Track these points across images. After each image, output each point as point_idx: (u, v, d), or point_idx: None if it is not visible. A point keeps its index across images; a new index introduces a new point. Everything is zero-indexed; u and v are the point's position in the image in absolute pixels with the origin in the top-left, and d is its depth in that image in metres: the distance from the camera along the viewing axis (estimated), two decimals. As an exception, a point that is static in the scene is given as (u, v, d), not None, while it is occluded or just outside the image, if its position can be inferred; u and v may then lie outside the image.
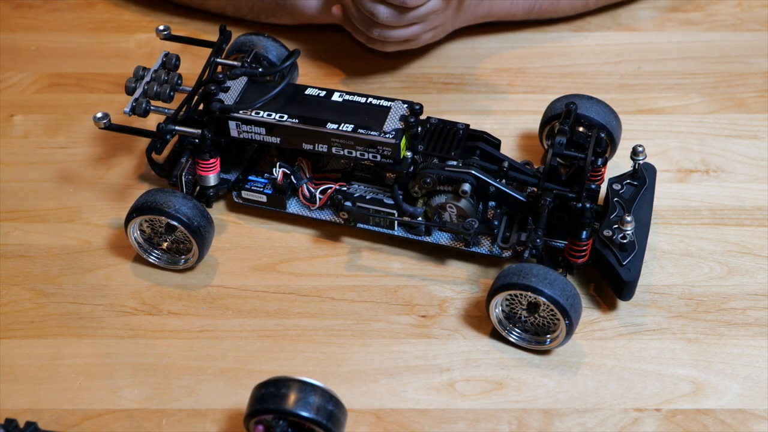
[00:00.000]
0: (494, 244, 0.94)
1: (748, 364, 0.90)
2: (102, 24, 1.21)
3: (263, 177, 0.99)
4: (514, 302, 0.89)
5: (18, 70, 1.15)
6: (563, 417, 0.87)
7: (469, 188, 0.91)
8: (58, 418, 0.87)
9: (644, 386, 0.88)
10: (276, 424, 0.78)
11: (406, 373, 0.90)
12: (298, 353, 0.91)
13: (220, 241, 0.99)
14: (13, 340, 0.92)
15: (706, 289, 0.95)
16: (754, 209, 1.01)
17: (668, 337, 0.91)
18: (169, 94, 0.97)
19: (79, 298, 0.95)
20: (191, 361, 0.90)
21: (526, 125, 1.08)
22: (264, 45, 1.04)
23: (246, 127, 0.95)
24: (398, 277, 0.96)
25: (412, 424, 0.87)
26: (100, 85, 1.14)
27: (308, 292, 0.95)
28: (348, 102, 0.96)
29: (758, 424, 0.86)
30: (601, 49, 1.17)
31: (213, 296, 0.95)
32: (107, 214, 1.01)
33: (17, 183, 1.04)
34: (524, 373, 0.89)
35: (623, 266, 0.89)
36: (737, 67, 1.14)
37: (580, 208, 0.89)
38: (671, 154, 1.06)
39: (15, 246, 0.99)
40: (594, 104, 0.99)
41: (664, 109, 1.10)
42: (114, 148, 1.07)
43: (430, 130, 0.96)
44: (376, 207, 0.95)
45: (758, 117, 1.09)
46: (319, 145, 0.94)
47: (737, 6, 1.21)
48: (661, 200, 1.01)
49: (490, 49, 1.17)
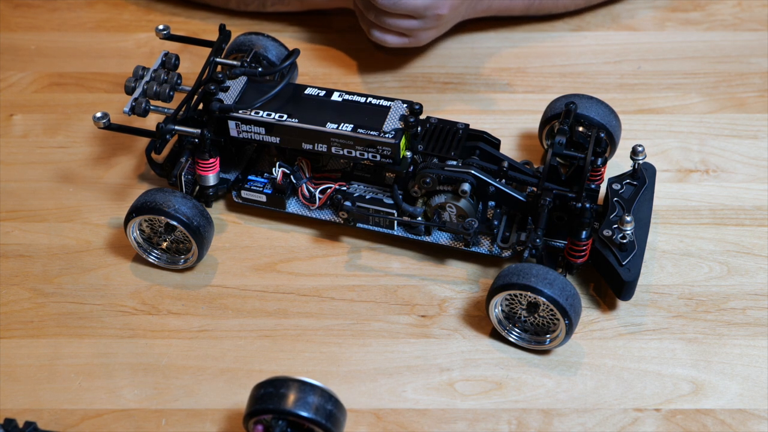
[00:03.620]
0: (494, 244, 0.94)
1: (748, 364, 0.90)
2: (102, 23, 1.21)
3: (263, 177, 0.99)
4: (514, 302, 0.89)
5: (18, 70, 1.15)
6: (563, 417, 0.87)
7: (468, 188, 0.91)
8: (58, 418, 0.87)
9: (644, 386, 0.88)
10: (275, 424, 0.78)
11: (405, 373, 0.90)
12: (297, 353, 0.91)
13: (220, 241, 0.99)
14: (12, 339, 0.92)
15: (705, 289, 0.95)
16: (754, 209, 1.01)
17: (668, 337, 0.91)
18: (168, 93, 0.97)
19: (79, 297, 0.95)
20: (191, 360, 0.90)
21: (526, 125, 1.08)
22: (263, 44, 1.04)
23: (245, 126, 0.95)
24: (398, 277, 0.96)
25: (412, 424, 0.87)
26: (99, 85, 1.14)
27: (308, 291, 0.95)
28: (348, 102, 0.96)
29: (758, 424, 0.86)
30: (601, 48, 1.17)
31: (212, 296, 0.95)
32: (107, 213, 1.01)
33: (17, 183, 1.04)
34: (524, 373, 0.89)
35: (623, 266, 0.89)
36: (737, 67, 1.14)
37: (579, 208, 0.89)
38: (671, 153, 1.06)
39: (15, 246, 0.99)
40: (594, 104, 0.99)
41: (663, 108, 1.10)
42: (113, 148, 1.07)
43: (430, 129, 0.96)
44: (375, 207, 0.95)
45: (758, 117, 1.09)
46: (319, 144, 0.94)
47: (737, 6, 1.21)
48: (661, 200, 1.01)
49: (489, 48, 1.17)
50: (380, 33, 1.07)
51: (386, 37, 1.08)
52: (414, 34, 1.07)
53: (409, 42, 1.08)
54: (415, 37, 1.08)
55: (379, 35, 1.08)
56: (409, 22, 1.05)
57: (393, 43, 1.08)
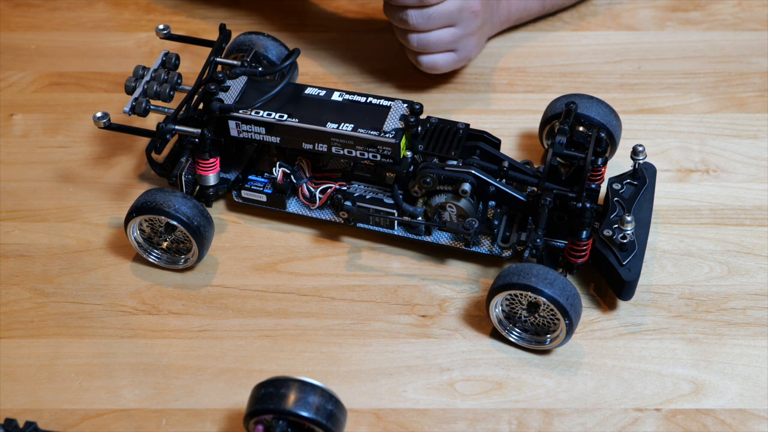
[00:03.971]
0: (494, 244, 0.94)
1: (748, 364, 0.90)
2: (102, 23, 1.21)
3: (263, 176, 0.99)
4: (514, 302, 0.89)
5: (18, 69, 1.15)
6: (563, 417, 0.87)
7: (469, 188, 0.91)
8: (58, 418, 0.87)
9: (644, 386, 0.88)
10: (276, 424, 0.78)
11: (406, 372, 0.90)
12: (297, 353, 0.91)
13: (220, 241, 0.99)
14: (12, 339, 0.92)
15: (706, 289, 0.95)
16: (754, 209, 1.01)
17: (668, 337, 0.91)
18: (168, 93, 0.97)
19: (79, 297, 0.95)
20: (191, 360, 0.90)
21: (526, 125, 1.08)
22: (264, 44, 1.04)
23: (246, 126, 0.95)
24: (398, 277, 0.96)
25: (412, 424, 0.87)
26: (99, 85, 1.14)
27: (308, 291, 0.95)
28: (348, 101, 0.96)
29: (758, 424, 0.86)
30: (601, 48, 1.17)
31: (213, 296, 0.95)
32: (107, 213, 1.01)
33: (17, 182, 1.04)
34: (524, 372, 0.89)
35: (623, 266, 0.89)
36: (737, 66, 1.14)
37: (580, 208, 0.89)
38: (671, 153, 1.06)
39: (15, 246, 0.99)
40: (594, 104, 0.99)
41: (664, 108, 1.10)
42: (114, 148, 1.07)
43: (430, 129, 0.96)
44: (376, 207, 0.95)
45: (758, 117, 1.09)
46: (319, 144, 0.94)
47: (737, 6, 1.21)
48: (661, 200, 1.01)
49: (489, 48, 1.17)
50: (428, 58, 1.06)
51: (436, 59, 1.06)
52: (459, 45, 1.06)
53: (458, 58, 1.07)
54: (462, 50, 1.07)
55: (428, 60, 1.06)
56: (448, 31, 1.04)
57: (444, 63, 1.07)
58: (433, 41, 1.04)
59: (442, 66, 1.07)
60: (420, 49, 1.05)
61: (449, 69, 1.08)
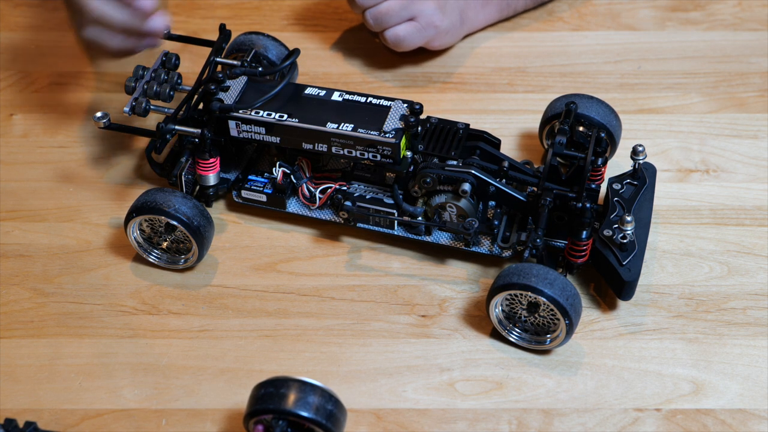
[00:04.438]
0: (494, 244, 0.94)
1: (748, 364, 0.90)
2: (102, 23, 1.21)
3: (263, 176, 0.99)
4: (514, 302, 0.89)
5: (18, 70, 1.15)
6: (563, 417, 0.87)
7: (469, 188, 0.91)
8: (58, 418, 0.87)
9: (644, 386, 0.88)
10: (276, 424, 0.78)
11: (406, 372, 0.90)
12: (297, 353, 0.91)
13: (220, 241, 0.99)
14: (12, 339, 0.92)
15: (706, 289, 0.95)
16: (754, 209, 1.01)
17: (668, 337, 0.91)
18: (168, 93, 0.97)
19: (79, 297, 0.95)
20: (191, 360, 0.90)
21: (526, 125, 1.08)
22: (264, 44, 1.04)
23: (246, 126, 0.95)
24: (398, 277, 0.96)
25: (412, 424, 0.87)
26: (99, 85, 1.14)
27: (308, 291, 0.95)
28: (348, 101, 0.96)
29: (758, 424, 0.86)
30: (601, 48, 1.17)
31: (213, 296, 0.95)
32: (107, 213, 1.01)
33: (17, 182, 1.04)
34: (524, 373, 0.89)
35: (623, 266, 0.89)
36: (737, 66, 1.14)
37: (580, 208, 0.89)
38: (671, 153, 1.06)
39: (15, 246, 0.99)
40: (594, 104, 0.99)
41: (664, 108, 1.10)
42: (113, 148, 1.07)
43: (430, 129, 0.96)
44: (376, 207, 0.95)
45: (758, 117, 1.09)
46: (319, 144, 0.94)
47: (737, 6, 1.21)
48: (661, 200, 1.01)
49: (489, 48, 1.17)
50: (390, 32, 1.06)
51: (397, 31, 1.05)
52: (414, 11, 1.05)
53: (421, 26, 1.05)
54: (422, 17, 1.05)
55: (390, 34, 1.06)
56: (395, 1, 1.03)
57: (406, 34, 1.06)
58: (384, 11, 1.04)
59: (404, 36, 1.06)
60: (377, 24, 1.05)
61: (417, 41, 1.07)
